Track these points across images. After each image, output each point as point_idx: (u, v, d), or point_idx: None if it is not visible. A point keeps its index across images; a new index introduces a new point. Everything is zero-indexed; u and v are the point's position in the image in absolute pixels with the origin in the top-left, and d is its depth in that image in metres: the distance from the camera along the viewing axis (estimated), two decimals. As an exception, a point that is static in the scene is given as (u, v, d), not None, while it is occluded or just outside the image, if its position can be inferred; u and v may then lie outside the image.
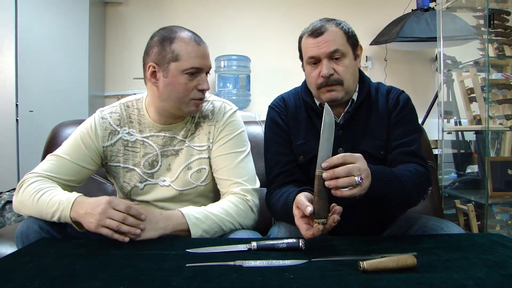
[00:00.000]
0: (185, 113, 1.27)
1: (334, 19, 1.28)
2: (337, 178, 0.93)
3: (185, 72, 1.20)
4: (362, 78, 1.33)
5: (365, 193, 0.99)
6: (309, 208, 0.95)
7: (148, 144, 1.31)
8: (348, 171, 0.94)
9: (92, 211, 1.06)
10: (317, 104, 1.31)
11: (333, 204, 0.97)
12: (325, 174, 0.93)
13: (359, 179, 0.95)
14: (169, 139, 1.31)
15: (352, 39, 1.27)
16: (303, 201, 0.99)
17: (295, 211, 1.02)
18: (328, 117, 0.96)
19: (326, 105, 0.99)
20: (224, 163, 1.28)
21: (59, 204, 1.10)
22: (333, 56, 1.23)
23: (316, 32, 1.24)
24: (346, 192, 0.94)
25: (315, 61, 1.25)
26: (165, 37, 1.22)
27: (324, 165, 0.94)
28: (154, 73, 1.24)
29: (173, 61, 1.20)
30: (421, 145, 1.28)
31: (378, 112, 1.29)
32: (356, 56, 1.29)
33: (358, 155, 0.99)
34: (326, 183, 0.93)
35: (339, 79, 1.23)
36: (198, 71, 1.22)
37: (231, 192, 1.26)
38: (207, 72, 1.27)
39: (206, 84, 1.24)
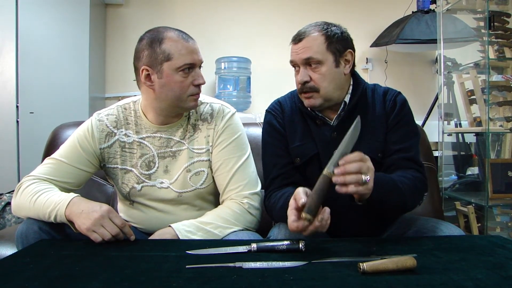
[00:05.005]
0: (185, 109, 1.29)
1: (323, 23, 1.26)
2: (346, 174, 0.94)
3: (179, 69, 1.21)
4: (357, 81, 1.31)
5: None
6: (302, 200, 0.96)
7: (145, 145, 1.31)
8: (359, 168, 0.95)
9: (89, 214, 1.06)
10: (308, 108, 1.31)
11: (325, 207, 0.97)
12: (337, 170, 0.94)
13: (366, 178, 0.96)
14: (165, 140, 1.31)
15: (335, 45, 1.23)
16: (301, 193, 0.99)
17: (291, 201, 1.01)
18: (355, 128, 0.97)
19: (358, 117, 0.99)
20: (223, 169, 1.29)
21: (55, 203, 1.11)
22: (309, 63, 1.23)
23: (297, 38, 1.25)
24: (351, 188, 0.95)
25: (296, 66, 1.26)
26: (153, 39, 1.22)
27: (341, 162, 0.94)
28: (148, 76, 1.24)
29: (165, 61, 1.20)
30: (419, 150, 1.28)
31: (375, 114, 1.28)
32: (343, 62, 1.25)
33: (367, 157, 0.99)
34: (334, 178, 0.94)
35: (314, 87, 1.23)
36: (192, 66, 1.23)
37: (229, 199, 1.27)
38: (200, 67, 1.27)
39: (202, 79, 1.25)
